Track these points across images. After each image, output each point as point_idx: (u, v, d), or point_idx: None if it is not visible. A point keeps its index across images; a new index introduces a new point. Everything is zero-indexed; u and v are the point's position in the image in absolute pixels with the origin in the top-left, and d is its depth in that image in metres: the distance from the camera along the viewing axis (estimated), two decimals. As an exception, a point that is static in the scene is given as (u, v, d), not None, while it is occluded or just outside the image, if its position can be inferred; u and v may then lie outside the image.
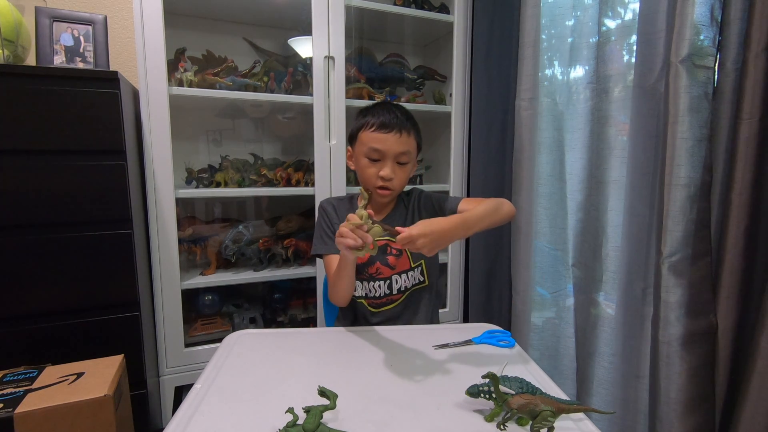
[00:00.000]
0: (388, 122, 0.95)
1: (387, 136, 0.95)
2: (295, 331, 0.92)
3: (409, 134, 0.97)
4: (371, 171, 0.97)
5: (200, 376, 0.71)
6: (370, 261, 1.02)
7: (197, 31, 1.57)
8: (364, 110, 1.02)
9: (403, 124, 0.96)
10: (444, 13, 1.64)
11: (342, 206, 1.08)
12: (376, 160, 0.97)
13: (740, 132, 0.88)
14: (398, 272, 1.03)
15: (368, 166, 0.98)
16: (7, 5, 1.17)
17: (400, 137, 0.95)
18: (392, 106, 1.01)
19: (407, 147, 0.97)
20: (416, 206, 1.07)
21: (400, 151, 0.96)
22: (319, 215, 1.08)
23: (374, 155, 0.96)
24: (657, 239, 1.02)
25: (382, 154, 0.95)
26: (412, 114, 1.02)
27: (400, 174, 0.98)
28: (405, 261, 1.04)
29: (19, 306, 1.08)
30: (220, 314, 1.58)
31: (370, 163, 0.97)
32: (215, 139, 1.67)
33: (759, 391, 0.85)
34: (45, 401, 0.86)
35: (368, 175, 0.98)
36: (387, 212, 1.07)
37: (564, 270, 1.43)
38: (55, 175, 1.08)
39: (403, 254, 1.04)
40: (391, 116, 0.96)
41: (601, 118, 1.22)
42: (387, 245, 1.03)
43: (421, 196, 1.09)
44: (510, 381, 0.61)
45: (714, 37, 0.95)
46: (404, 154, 0.97)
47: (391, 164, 0.96)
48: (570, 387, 1.35)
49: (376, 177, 0.96)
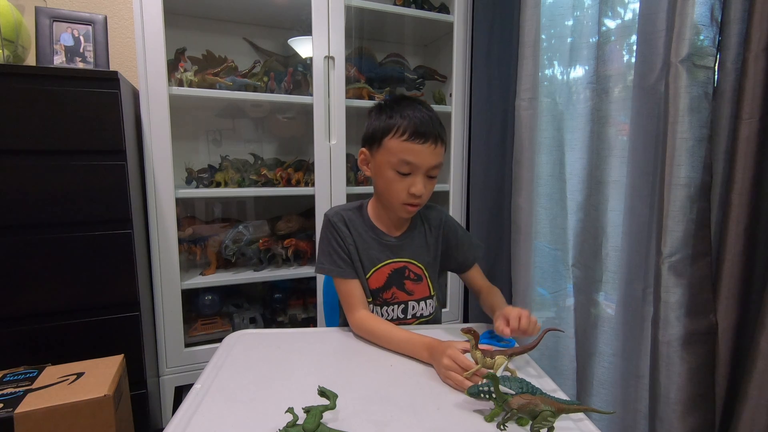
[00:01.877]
0: (423, 131, 0.81)
1: (422, 148, 0.81)
2: (295, 331, 0.92)
3: (443, 143, 0.84)
4: (399, 186, 0.84)
5: (200, 376, 0.71)
6: (386, 286, 0.93)
7: (197, 31, 1.57)
8: (387, 108, 0.86)
9: (438, 131, 0.83)
10: (444, 13, 1.64)
11: (355, 220, 0.94)
12: (406, 174, 0.83)
13: (740, 132, 0.88)
14: (416, 299, 0.95)
15: (396, 180, 0.84)
16: (7, 5, 1.17)
17: (435, 148, 0.82)
18: (421, 104, 0.86)
19: (440, 159, 0.85)
20: (440, 233, 0.97)
21: (434, 164, 0.84)
22: (328, 230, 0.93)
23: (405, 169, 0.83)
24: (657, 239, 1.02)
25: (414, 167, 0.82)
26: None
27: (429, 189, 0.86)
28: (425, 288, 0.96)
29: (19, 306, 1.08)
30: (220, 314, 1.58)
31: (398, 176, 0.84)
32: (215, 139, 1.67)
33: (759, 391, 0.85)
34: (45, 401, 0.86)
35: (396, 190, 0.85)
36: (404, 229, 0.96)
37: (564, 270, 1.43)
38: (55, 175, 1.08)
39: (423, 280, 0.95)
40: (424, 121, 0.82)
41: (601, 118, 1.22)
42: (406, 267, 0.94)
43: (447, 223, 0.98)
44: (510, 381, 0.61)
45: (714, 37, 0.94)
46: (437, 167, 0.85)
47: (422, 179, 0.84)
48: (570, 387, 1.35)
49: (405, 193, 0.84)
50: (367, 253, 0.92)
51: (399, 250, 0.94)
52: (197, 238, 1.52)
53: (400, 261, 0.94)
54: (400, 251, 0.94)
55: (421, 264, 0.95)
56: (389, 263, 0.94)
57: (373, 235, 0.94)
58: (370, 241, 0.93)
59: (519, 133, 1.48)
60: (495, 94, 1.58)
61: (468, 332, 0.68)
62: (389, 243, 0.94)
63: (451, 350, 0.69)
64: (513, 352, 0.70)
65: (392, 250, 0.94)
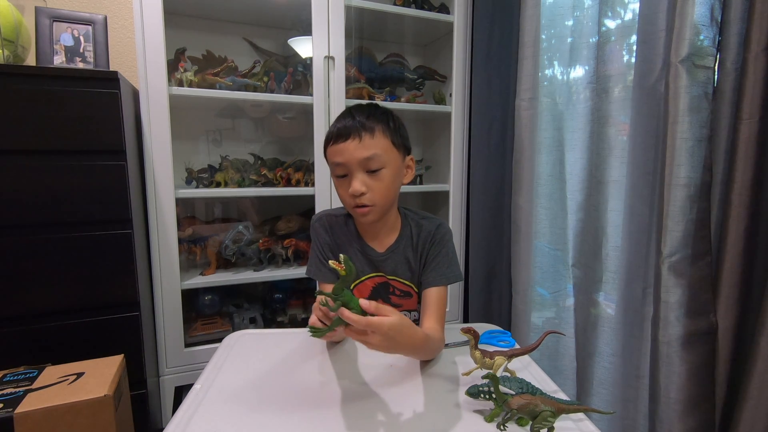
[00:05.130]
0: (343, 129, 0.79)
1: (345, 146, 0.78)
2: (295, 331, 0.92)
3: (372, 134, 0.78)
4: (342, 191, 0.82)
5: (200, 376, 0.71)
6: (370, 299, 0.88)
7: (197, 31, 1.57)
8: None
9: (362, 125, 0.78)
10: (444, 13, 1.64)
11: (340, 228, 0.92)
12: (344, 176, 0.81)
13: (740, 132, 0.88)
14: (405, 311, 0.92)
15: (339, 186, 0.82)
16: (7, 5, 1.17)
17: (361, 141, 0.77)
18: (354, 109, 0.83)
19: (373, 149, 0.78)
20: (425, 246, 0.89)
21: (364, 156, 0.77)
22: (312, 234, 0.94)
23: (339, 171, 0.81)
24: (657, 239, 1.02)
25: (345, 167, 0.79)
26: (386, 109, 0.85)
27: (375, 185, 0.79)
28: (413, 302, 0.93)
29: (19, 306, 1.08)
30: (220, 314, 1.58)
31: (339, 181, 0.82)
32: (215, 139, 1.67)
33: (759, 391, 0.85)
34: (45, 401, 0.86)
35: (342, 197, 0.83)
36: (391, 241, 0.90)
37: (564, 270, 1.43)
38: (55, 175, 1.08)
39: (413, 296, 0.91)
40: (347, 121, 0.80)
41: (601, 118, 1.22)
42: (388, 284, 0.91)
43: (436, 237, 0.89)
44: (510, 381, 0.61)
45: (714, 37, 0.95)
46: (371, 159, 0.78)
47: (359, 176, 0.79)
48: (570, 387, 1.35)
49: (349, 196, 0.80)
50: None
51: (381, 266, 0.90)
52: (197, 238, 1.52)
53: (383, 277, 0.90)
54: (383, 267, 0.90)
55: (410, 282, 0.91)
56: (372, 277, 0.91)
57: (358, 246, 0.90)
58: (353, 251, 0.90)
59: (519, 133, 1.48)
60: (495, 94, 1.58)
61: (468, 332, 0.68)
62: (371, 257, 0.90)
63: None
64: (513, 352, 0.70)
65: (375, 265, 0.90)
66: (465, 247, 1.71)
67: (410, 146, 0.88)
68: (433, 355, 0.78)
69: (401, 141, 0.83)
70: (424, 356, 0.77)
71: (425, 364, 0.76)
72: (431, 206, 1.89)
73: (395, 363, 0.77)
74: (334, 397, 0.65)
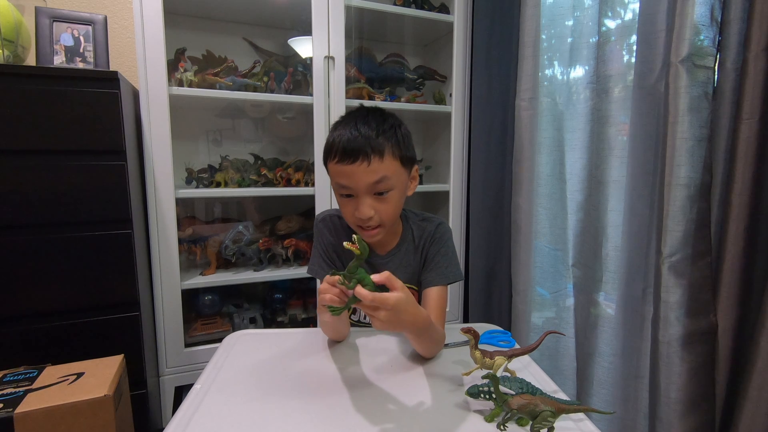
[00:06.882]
0: (350, 149, 0.73)
1: (353, 169, 0.73)
2: (295, 331, 0.92)
3: (381, 157, 0.74)
4: (347, 210, 0.79)
5: (200, 376, 0.71)
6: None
7: (197, 31, 1.57)
8: (334, 125, 0.80)
9: (370, 145, 0.73)
10: (444, 13, 1.64)
11: (343, 229, 0.90)
12: (348, 195, 0.78)
13: (740, 132, 0.88)
14: None
15: (344, 203, 0.79)
16: (7, 5, 1.17)
17: (369, 165, 0.73)
18: (359, 119, 0.77)
19: (383, 173, 0.74)
20: (423, 248, 0.89)
21: (373, 181, 0.74)
22: (315, 232, 0.93)
23: (344, 191, 0.77)
24: (657, 239, 1.02)
25: (352, 190, 0.76)
26: (393, 119, 0.80)
27: (383, 207, 0.77)
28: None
29: (19, 306, 1.08)
30: (220, 314, 1.58)
31: (344, 199, 0.79)
32: (215, 139, 1.67)
33: (759, 391, 0.85)
34: (45, 401, 0.86)
35: (346, 213, 0.80)
36: (393, 245, 0.89)
37: (564, 270, 1.43)
38: (55, 175, 1.08)
39: (414, 297, 0.91)
40: (353, 137, 0.73)
41: (601, 118, 1.22)
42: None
43: (435, 237, 0.89)
44: (510, 381, 0.61)
45: (714, 37, 0.95)
46: (380, 183, 0.74)
47: (367, 200, 0.75)
48: (570, 387, 1.35)
49: (354, 217, 0.78)
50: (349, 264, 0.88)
51: (382, 269, 0.85)
52: (197, 238, 1.52)
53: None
54: (384, 270, 0.87)
55: (411, 284, 0.89)
56: None
57: None
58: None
59: (519, 133, 1.48)
60: (495, 94, 1.58)
61: (468, 332, 0.68)
62: (372, 261, 0.89)
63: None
64: (513, 353, 0.70)
65: (374, 268, 0.87)
66: (465, 247, 1.71)
67: (416, 155, 0.85)
68: (435, 345, 0.78)
69: (408, 156, 0.80)
70: (428, 343, 0.76)
71: (425, 364, 0.76)
72: (431, 206, 1.89)
73: (395, 363, 0.77)
74: (335, 397, 0.65)
